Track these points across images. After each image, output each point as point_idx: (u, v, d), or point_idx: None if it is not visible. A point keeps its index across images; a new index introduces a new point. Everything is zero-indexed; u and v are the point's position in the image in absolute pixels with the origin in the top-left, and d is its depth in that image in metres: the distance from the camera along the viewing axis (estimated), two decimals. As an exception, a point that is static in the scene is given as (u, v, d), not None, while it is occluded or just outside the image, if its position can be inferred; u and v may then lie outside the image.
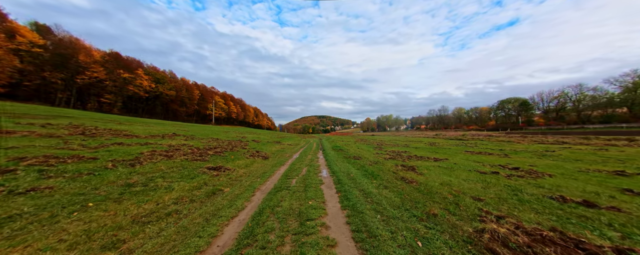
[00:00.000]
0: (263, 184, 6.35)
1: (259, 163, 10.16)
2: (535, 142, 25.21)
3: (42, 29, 43.39)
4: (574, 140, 25.56)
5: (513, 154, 14.22)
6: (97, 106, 50.03)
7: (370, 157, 12.58)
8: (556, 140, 25.76)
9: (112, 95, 50.63)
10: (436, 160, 11.31)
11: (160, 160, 7.51)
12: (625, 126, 48.21)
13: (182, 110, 76.56)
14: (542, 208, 4.24)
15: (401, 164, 10.03)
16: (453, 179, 6.76)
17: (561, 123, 67.73)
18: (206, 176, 6.47)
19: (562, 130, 55.08)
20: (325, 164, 10.26)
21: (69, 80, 42.02)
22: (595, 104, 63.25)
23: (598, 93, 62.89)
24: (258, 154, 12.62)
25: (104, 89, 48.76)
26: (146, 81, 58.39)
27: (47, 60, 39.63)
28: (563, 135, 33.82)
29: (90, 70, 43.75)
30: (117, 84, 50.21)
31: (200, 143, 13.64)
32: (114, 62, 52.10)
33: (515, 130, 66.87)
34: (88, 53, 44.89)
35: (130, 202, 3.90)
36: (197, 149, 10.96)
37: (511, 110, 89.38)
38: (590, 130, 45.28)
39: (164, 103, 69.94)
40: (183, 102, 76.08)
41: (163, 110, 71.09)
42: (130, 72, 54.47)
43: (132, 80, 54.21)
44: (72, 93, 43.80)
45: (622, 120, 53.96)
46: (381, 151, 16.57)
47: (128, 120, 24.34)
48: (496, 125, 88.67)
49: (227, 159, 9.99)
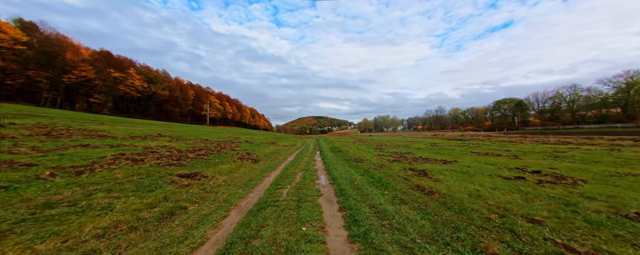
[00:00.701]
0: (244, 197, 5.01)
1: (246, 167, 8.73)
2: (537, 142, 24.23)
3: (28, 26, 41.45)
4: (577, 140, 24.61)
5: (522, 155, 13.05)
6: (86, 106, 48.12)
7: (373, 160, 11.27)
8: (558, 141, 24.80)
9: (102, 95, 48.74)
10: (445, 163, 10.09)
11: (122, 165, 6.13)
12: (620, 126, 48.06)
13: (176, 110, 74.66)
14: (631, 235, 3.01)
15: (409, 167, 8.75)
16: (479, 188, 5.48)
17: (556, 123, 67.50)
18: (172, 187, 5.04)
19: (559, 130, 54.81)
20: (324, 168, 8.91)
21: (55, 80, 40.14)
22: (589, 105, 63.54)
23: (592, 94, 63.14)
24: (248, 157, 11.18)
25: (93, 89, 46.87)
26: (138, 81, 56.55)
27: (32, 58, 37.77)
28: (565, 136, 32.93)
29: (78, 69, 41.90)
30: (107, 83, 48.34)
31: (184, 144, 12.21)
32: (104, 61, 50.26)
33: (511, 131, 66.54)
34: (76, 51, 43.06)
35: (20, 238, 2.52)
36: (178, 151, 9.52)
37: (507, 111, 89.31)
38: (585, 130, 45.02)
39: (158, 103, 68.05)
40: (177, 103, 74.21)
41: (156, 111, 69.17)
42: (121, 71, 52.63)
43: (123, 79, 52.35)
44: (59, 93, 41.88)
45: (616, 120, 53.89)
46: (383, 152, 15.33)
47: (113, 121, 22.77)
48: (493, 126, 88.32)
49: (209, 163, 8.54)
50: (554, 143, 22.66)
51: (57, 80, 40.43)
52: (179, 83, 77.89)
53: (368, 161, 10.67)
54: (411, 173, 7.48)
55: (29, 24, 41.95)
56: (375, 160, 10.98)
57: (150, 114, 66.08)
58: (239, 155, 11.32)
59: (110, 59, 53.45)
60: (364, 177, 7.04)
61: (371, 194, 5.15)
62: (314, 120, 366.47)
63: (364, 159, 11.58)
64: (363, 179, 6.83)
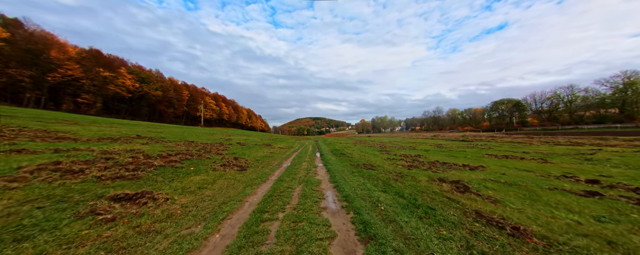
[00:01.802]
0: (199, 248, 3.01)
1: (227, 179, 6.97)
2: (548, 143, 23.28)
3: (10, 23, 39.37)
4: (590, 141, 23.73)
5: (550, 159, 11.81)
6: (74, 107, 46.05)
7: (386, 166, 9.80)
8: (569, 141, 23.89)
9: (90, 95, 46.73)
10: (472, 169, 8.69)
11: (38, 181, 4.53)
12: (620, 126, 47.84)
13: (169, 111, 72.64)
14: None
15: (437, 177, 7.02)
16: (577, 218, 3.86)
17: (555, 124, 67.31)
18: (81, 225, 3.37)
19: (557, 130, 54.52)
20: (329, 179, 7.05)
21: (39, 78, 38.12)
22: (587, 105, 63.43)
23: (590, 94, 63.21)
24: (234, 163, 9.58)
25: (80, 89, 44.86)
26: (129, 80, 54.59)
27: (14, 56, 35.76)
28: (574, 136, 32.07)
29: (63, 68, 39.92)
30: (95, 83, 46.35)
31: (161, 148, 10.58)
32: (93, 60, 48.26)
33: (510, 131, 66.17)
34: (62, 49, 41.08)
35: None
36: (145, 157, 7.83)
37: (505, 111, 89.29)
38: (585, 131, 44.77)
39: (150, 104, 65.98)
40: (171, 103, 72.21)
41: (149, 112, 67.10)
42: (111, 70, 50.66)
43: (113, 79, 50.38)
44: (43, 92, 39.84)
45: (614, 120, 53.70)
46: (391, 156, 13.99)
47: (93, 121, 21.04)
48: (491, 126, 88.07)
49: (178, 173, 6.80)
50: (566, 144, 21.71)
51: (41, 79, 38.41)
52: (172, 83, 75.90)
53: (380, 167, 9.18)
54: (447, 187, 5.85)
55: (11, 20, 39.88)
56: (388, 166, 9.56)
57: (142, 115, 64.01)
58: (224, 161, 9.70)
59: (100, 58, 51.46)
60: (389, 195, 5.22)
61: (419, 235, 3.23)
62: (311, 121, 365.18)
63: (375, 164, 10.10)
64: (388, 198, 5.02)
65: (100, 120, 23.72)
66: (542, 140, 25.80)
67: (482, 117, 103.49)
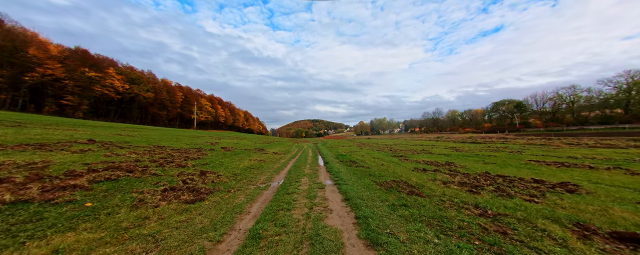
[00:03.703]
0: None
1: (133, 239, 3.23)
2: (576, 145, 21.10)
3: (-14, 19, 36.52)
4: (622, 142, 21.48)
5: (626, 166, 9.10)
6: (57, 109, 43.03)
7: (429, 184, 6.70)
8: (597, 143, 21.69)
9: (75, 97, 43.77)
10: (571, 192, 5.70)
11: None
12: (628, 127, 46.06)
13: (162, 114, 69.65)
14: None
15: (555, 218, 4.43)
16: None
17: (559, 124, 65.63)
18: None
19: (563, 131, 52.70)
20: (365, 237, 3.25)
21: (15, 78, 35.21)
22: (590, 105, 61.98)
23: (593, 94, 61.85)
24: (190, 186, 6.01)
25: (63, 90, 41.93)
26: (118, 81, 51.75)
27: (-13, 54, 32.90)
28: (604, 137, 29.79)
29: (43, 67, 37.05)
30: (79, 83, 43.45)
31: (100, 157, 7.72)
32: (79, 60, 45.42)
33: (513, 132, 64.36)
34: (42, 47, 38.23)
35: None
36: (21, 181, 4.89)
37: (506, 112, 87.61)
38: (592, 132, 43.05)
39: (142, 106, 63.02)
40: (164, 105, 69.27)
41: (141, 114, 64.09)
42: (98, 70, 47.81)
43: (100, 79, 47.51)
44: (21, 93, 36.89)
45: (621, 121, 52.09)
46: (413, 163, 11.30)
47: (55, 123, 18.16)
48: (493, 127, 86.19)
49: (24, 228, 3.22)
50: (594, 146, 19.51)
51: (18, 80, 35.49)
52: (166, 84, 73.04)
53: (426, 189, 6.08)
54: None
55: (-12, 16, 37.01)
56: (432, 185, 6.48)
57: (134, 118, 61.03)
58: (176, 181, 6.43)
59: (87, 58, 48.61)
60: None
61: None
62: (310, 123, 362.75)
63: (410, 181, 6.91)
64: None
65: (69, 122, 20.76)
66: (565, 142, 23.58)
67: (482, 118, 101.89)
